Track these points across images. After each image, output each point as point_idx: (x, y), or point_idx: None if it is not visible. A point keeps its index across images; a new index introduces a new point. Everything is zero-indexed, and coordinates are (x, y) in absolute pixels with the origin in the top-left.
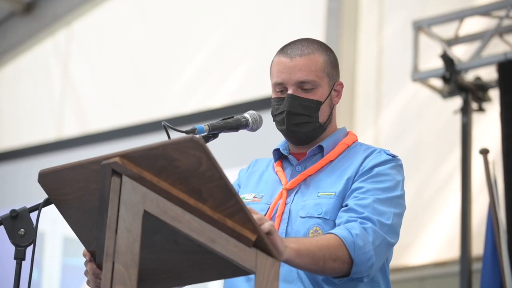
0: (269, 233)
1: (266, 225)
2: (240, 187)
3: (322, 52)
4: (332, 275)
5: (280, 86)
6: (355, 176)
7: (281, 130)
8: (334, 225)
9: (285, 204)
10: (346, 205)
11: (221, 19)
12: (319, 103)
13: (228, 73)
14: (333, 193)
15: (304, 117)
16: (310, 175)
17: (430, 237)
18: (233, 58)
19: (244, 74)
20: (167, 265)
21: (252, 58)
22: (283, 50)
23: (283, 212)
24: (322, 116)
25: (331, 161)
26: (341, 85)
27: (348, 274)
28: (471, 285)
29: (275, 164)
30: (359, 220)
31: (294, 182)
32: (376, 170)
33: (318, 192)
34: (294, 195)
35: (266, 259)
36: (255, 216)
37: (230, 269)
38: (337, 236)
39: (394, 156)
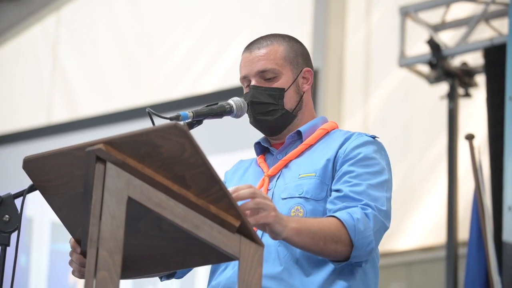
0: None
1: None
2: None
3: (282, 42)
4: (333, 257)
5: (245, 80)
6: (335, 157)
7: (251, 123)
8: (316, 203)
9: (268, 189)
10: (338, 190)
11: (208, 5)
12: (282, 90)
13: (216, 59)
14: (314, 174)
15: (268, 105)
16: (291, 160)
17: (416, 222)
18: (221, 43)
19: (231, 59)
20: (151, 251)
21: (239, 44)
22: (247, 47)
23: None
24: (289, 103)
25: (311, 145)
26: (310, 71)
27: (348, 258)
28: (457, 270)
29: (257, 158)
30: (360, 205)
31: (275, 168)
32: (362, 153)
33: (299, 174)
34: (276, 181)
35: (249, 245)
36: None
37: (214, 255)
38: (339, 219)
39: (374, 137)
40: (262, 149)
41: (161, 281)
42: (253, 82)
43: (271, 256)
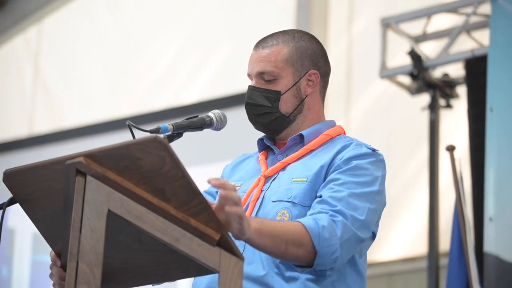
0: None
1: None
2: None
3: (289, 42)
4: (295, 262)
5: (249, 78)
6: (329, 164)
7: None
8: (302, 209)
9: (262, 190)
10: (320, 196)
11: (188, 17)
12: (278, 93)
13: (197, 70)
14: (305, 179)
15: (263, 107)
16: (290, 163)
17: (398, 233)
18: (202, 55)
19: (213, 71)
20: (132, 264)
21: (220, 55)
22: (256, 43)
23: (257, 198)
24: (285, 107)
25: (312, 150)
26: (316, 74)
27: (312, 265)
28: (438, 281)
29: (259, 154)
30: (330, 212)
31: (273, 169)
32: (355, 163)
33: (292, 178)
34: (271, 182)
35: (229, 258)
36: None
37: (194, 268)
38: (303, 224)
39: (374, 150)
40: (265, 145)
41: (152, 286)
42: (252, 82)
43: (255, 259)
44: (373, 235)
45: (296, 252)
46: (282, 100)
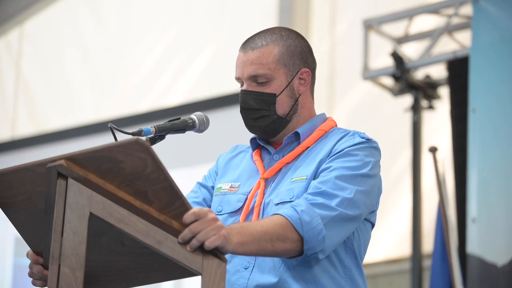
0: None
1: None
2: (217, 174)
3: (279, 41)
4: (286, 255)
5: (239, 81)
6: (326, 158)
7: (245, 126)
8: None
9: (263, 193)
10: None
11: (173, 19)
12: (273, 96)
13: (181, 73)
14: (305, 177)
15: (260, 111)
16: (288, 163)
17: (382, 234)
18: (186, 57)
19: (197, 73)
20: (114, 266)
21: (204, 58)
22: (243, 43)
23: (261, 202)
24: (281, 108)
25: (308, 147)
26: (308, 72)
27: (302, 252)
28: (422, 282)
29: (253, 153)
30: (310, 197)
31: (271, 171)
32: (346, 150)
33: (292, 178)
34: (272, 184)
35: (212, 260)
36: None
37: (177, 271)
38: (283, 216)
39: (368, 139)
40: (258, 144)
41: None
42: (244, 86)
43: (266, 266)
44: (372, 225)
45: (284, 246)
46: (278, 102)
